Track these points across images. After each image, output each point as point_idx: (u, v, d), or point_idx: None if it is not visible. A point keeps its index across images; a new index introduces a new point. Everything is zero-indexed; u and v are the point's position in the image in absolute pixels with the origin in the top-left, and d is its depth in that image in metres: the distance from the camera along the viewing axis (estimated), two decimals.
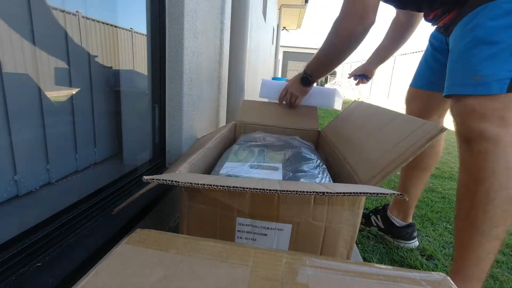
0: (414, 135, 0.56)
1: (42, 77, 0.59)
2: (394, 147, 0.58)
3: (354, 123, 0.89)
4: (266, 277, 0.29)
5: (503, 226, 0.66)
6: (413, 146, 0.54)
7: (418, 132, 0.56)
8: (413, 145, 0.54)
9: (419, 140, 0.53)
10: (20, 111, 0.55)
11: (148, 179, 0.41)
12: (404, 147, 0.55)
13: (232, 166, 0.69)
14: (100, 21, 0.76)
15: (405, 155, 0.54)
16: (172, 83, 0.96)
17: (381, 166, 0.56)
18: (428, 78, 0.96)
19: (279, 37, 8.16)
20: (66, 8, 0.64)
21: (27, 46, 0.56)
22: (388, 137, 0.63)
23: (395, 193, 0.41)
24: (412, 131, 0.57)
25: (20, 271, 0.45)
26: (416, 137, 0.55)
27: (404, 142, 0.57)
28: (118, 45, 0.84)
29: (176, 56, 0.94)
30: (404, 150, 0.54)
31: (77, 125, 0.70)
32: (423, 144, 0.52)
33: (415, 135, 0.56)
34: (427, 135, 0.53)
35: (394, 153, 0.56)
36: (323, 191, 0.41)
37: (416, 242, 1.11)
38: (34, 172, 0.60)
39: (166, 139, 1.00)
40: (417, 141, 0.54)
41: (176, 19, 0.91)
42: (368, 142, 0.69)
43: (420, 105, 1.00)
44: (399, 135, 0.60)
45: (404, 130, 0.60)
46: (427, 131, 0.54)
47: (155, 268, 0.29)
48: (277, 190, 0.40)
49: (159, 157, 0.99)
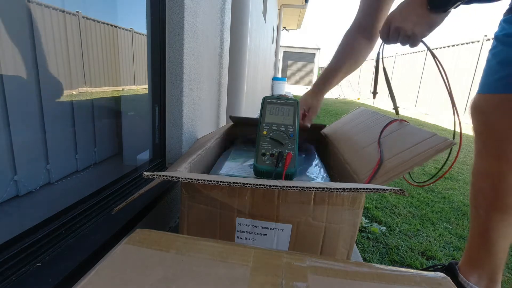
0: (421, 145, 0.55)
1: (42, 77, 0.59)
2: (399, 154, 0.57)
3: (357, 127, 0.86)
4: (266, 277, 0.29)
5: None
6: (419, 155, 0.52)
7: (426, 142, 0.54)
8: (419, 155, 0.52)
9: (426, 151, 0.52)
10: (20, 111, 0.55)
11: (148, 175, 0.41)
12: (409, 155, 0.54)
13: (232, 166, 0.69)
14: (100, 21, 0.76)
15: (409, 163, 0.52)
16: (172, 83, 0.96)
17: (384, 170, 0.56)
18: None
19: (279, 37, 8.17)
20: (66, 8, 0.64)
21: (27, 46, 0.56)
22: (392, 144, 0.62)
23: (394, 189, 0.41)
24: (420, 141, 0.56)
25: (20, 271, 0.45)
26: (423, 147, 0.54)
27: (409, 150, 0.56)
28: (118, 45, 0.85)
29: (176, 56, 0.94)
30: (409, 158, 0.53)
31: (77, 125, 0.70)
32: (430, 155, 0.51)
33: (422, 145, 0.54)
34: (435, 147, 0.51)
35: (398, 159, 0.55)
36: (323, 187, 0.41)
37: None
38: (34, 172, 0.60)
39: (166, 139, 1.00)
40: (423, 151, 0.52)
41: (176, 19, 0.91)
42: (371, 147, 0.68)
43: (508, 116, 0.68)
44: (405, 144, 0.59)
45: (410, 140, 0.59)
46: (435, 143, 0.52)
47: (155, 268, 0.29)
48: (277, 186, 0.41)
49: (159, 157, 0.99)
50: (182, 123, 0.99)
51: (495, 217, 0.71)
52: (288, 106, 0.69)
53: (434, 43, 7.49)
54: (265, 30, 4.30)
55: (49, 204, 0.60)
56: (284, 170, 0.58)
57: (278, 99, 0.71)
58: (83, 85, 0.72)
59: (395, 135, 0.65)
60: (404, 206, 1.48)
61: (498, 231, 0.71)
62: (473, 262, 0.76)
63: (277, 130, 0.65)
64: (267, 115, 0.68)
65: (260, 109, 0.70)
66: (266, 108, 0.69)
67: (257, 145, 0.63)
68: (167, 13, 0.91)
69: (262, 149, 0.62)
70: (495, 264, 0.73)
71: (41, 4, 0.58)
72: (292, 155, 0.61)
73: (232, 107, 1.52)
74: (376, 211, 1.38)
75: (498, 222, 0.71)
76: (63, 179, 0.67)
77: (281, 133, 0.65)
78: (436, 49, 7.38)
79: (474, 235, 0.76)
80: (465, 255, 0.79)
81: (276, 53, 8.66)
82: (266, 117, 0.68)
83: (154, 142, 0.98)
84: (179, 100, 0.97)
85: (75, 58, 0.68)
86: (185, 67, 0.96)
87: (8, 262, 0.45)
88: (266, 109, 0.69)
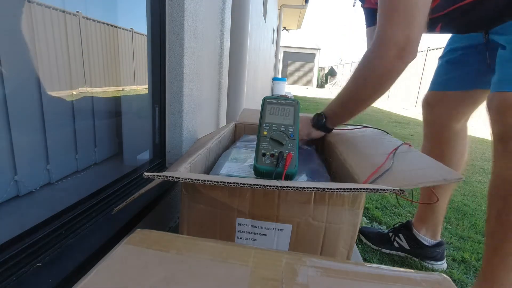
0: (430, 169, 0.54)
1: (42, 77, 0.59)
2: (404, 172, 0.56)
3: (362, 137, 0.84)
4: (266, 277, 0.29)
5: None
6: (424, 177, 0.51)
7: (436, 168, 0.53)
8: (425, 177, 0.51)
9: (433, 177, 0.50)
10: (20, 111, 0.55)
11: (148, 175, 0.41)
12: (414, 176, 0.53)
13: (232, 166, 0.69)
14: (101, 21, 0.76)
15: (413, 181, 0.51)
16: (172, 83, 0.96)
17: (388, 179, 0.54)
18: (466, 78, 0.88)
19: (279, 37, 8.17)
20: (67, 8, 0.64)
21: (27, 46, 0.56)
22: (401, 160, 0.61)
23: (394, 189, 0.41)
24: (429, 166, 0.55)
25: (20, 271, 0.45)
26: (431, 171, 0.52)
27: (418, 169, 0.55)
28: (119, 45, 0.85)
29: (176, 56, 0.94)
30: (414, 178, 0.52)
31: (78, 125, 0.70)
32: (436, 181, 0.49)
33: (431, 170, 0.53)
34: (443, 176, 0.50)
35: (404, 174, 0.54)
36: (323, 187, 0.41)
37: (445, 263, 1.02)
38: (34, 172, 0.60)
39: (166, 139, 1.00)
40: (430, 176, 0.51)
41: (176, 19, 0.91)
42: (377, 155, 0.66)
43: (447, 109, 0.92)
44: (414, 164, 0.58)
45: (420, 163, 0.58)
46: (443, 174, 0.51)
47: (155, 269, 0.29)
48: (277, 186, 0.41)
49: (159, 157, 0.99)
50: (182, 123, 0.99)
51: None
52: (288, 107, 0.69)
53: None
54: (265, 30, 4.30)
55: (49, 204, 0.60)
56: (284, 171, 0.58)
57: (278, 99, 0.71)
58: (83, 85, 0.72)
59: (404, 155, 0.64)
60: (404, 206, 1.48)
61: (439, 196, 0.97)
62: (422, 219, 1.02)
63: (277, 131, 0.65)
64: (267, 115, 0.68)
65: (260, 110, 0.70)
66: (266, 108, 0.69)
67: (257, 145, 0.63)
68: (167, 13, 0.91)
69: (262, 149, 0.62)
70: (437, 219, 1.00)
71: (41, 4, 0.58)
72: (292, 155, 0.61)
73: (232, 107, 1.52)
74: (377, 212, 1.38)
75: (439, 188, 0.97)
76: (63, 179, 0.67)
77: (281, 133, 0.65)
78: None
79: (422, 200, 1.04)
80: (416, 214, 1.06)
81: (276, 53, 8.66)
82: (266, 117, 0.68)
83: (154, 142, 0.98)
84: (179, 100, 0.97)
85: (75, 58, 0.68)
86: (185, 67, 0.96)
87: (8, 262, 0.45)
88: (266, 110, 0.69)
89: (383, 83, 0.67)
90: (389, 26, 0.62)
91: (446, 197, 0.99)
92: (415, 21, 0.61)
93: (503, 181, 0.66)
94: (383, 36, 0.63)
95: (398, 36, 0.61)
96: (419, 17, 0.60)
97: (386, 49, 0.63)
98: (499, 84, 0.66)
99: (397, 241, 1.05)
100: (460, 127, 0.94)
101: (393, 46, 0.61)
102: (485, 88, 0.84)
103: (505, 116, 0.63)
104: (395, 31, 0.61)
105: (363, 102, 0.72)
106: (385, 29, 0.63)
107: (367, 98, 0.71)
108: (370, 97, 0.70)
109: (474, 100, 0.89)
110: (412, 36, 0.61)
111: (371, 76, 0.67)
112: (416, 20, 0.60)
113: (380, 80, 0.66)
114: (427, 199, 1.02)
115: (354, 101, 0.74)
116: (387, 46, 0.62)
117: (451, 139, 0.94)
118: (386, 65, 0.64)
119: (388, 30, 0.62)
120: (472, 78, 0.87)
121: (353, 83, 0.72)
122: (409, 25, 0.60)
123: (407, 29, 0.60)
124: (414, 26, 0.61)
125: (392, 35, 0.61)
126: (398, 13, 0.61)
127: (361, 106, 0.73)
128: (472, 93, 0.88)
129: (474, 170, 2.33)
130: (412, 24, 0.60)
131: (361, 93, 0.71)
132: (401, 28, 0.61)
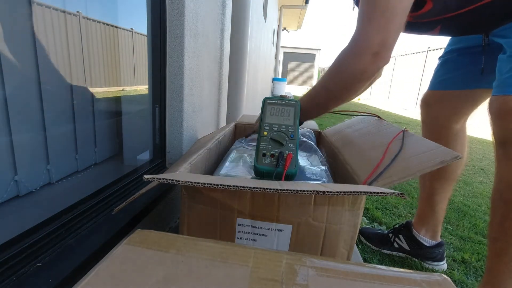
0: (426, 155, 0.55)
1: (42, 77, 0.59)
2: (402, 161, 0.57)
3: (359, 132, 0.85)
4: (266, 278, 0.29)
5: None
6: (422, 164, 0.52)
7: (432, 153, 0.54)
8: (422, 163, 0.52)
9: (430, 161, 0.52)
10: (20, 111, 0.55)
11: (148, 178, 0.41)
12: (412, 163, 0.54)
13: (232, 166, 0.69)
14: (101, 21, 0.76)
15: (412, 170, 0.52)
16: (172, 84, 0.96)
17: (388, 173, 0.55)
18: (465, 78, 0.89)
19: (279, 38, 8.17)
20: (67, 8, 0.64)
21: (28, 46, 0.56)
22: (396, 151, 0.61)
23: (395, 192, 0.41)
24: (425, 151, 0.56)
25: (20, 271, 0.45)
26: (428, 157, 0.53)
27: (412, 159, 0.55)
28: (119, 46, 0.85)
29: (177, 56, 0.94)
30: (412, 166, 0.53)
31: (78, 125, 0.71)
32: (433, 165, 0.50)
33: (427, 155, 0.54)
34: (441, 158, 0.51)
35: (403, 164, 0.55)
36: (324, 190, 0.41)
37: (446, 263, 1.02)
38: (35, 172, 0.60)
39: (167, 140, 1.00)
40: (427, 161, 0.52)
41: (176, 19, 0.92)
42: (373, 151, 0.67)
43: (445, 109, 0.93)
44: (410, 152, 0.58)
45: (416, 149, 0.59)
46: (440, 155, 0.52)
47: (155, 269, 0.29)
48: (278, 189, 0.40)
49: (159, 157, 0.99)
50: (182, 124, 0.99)
51: (436, 185, 0.97)
52: (288, 107, 0.69)
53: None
54: (265, 30, 4.30)
55: (49, 204, 0.60)
56: (285, 171, 0.58)
57: (279, 99, 0.71)
58: (84, 85, 0.72)
59: (400, 143, 0.64)
60: (404, 207, 1.48)
61: (439, 196, 0.97)
62: (421, 220, 1.02)
63: (277, 131, 0.65)
64: (267, 115, 0.68)
65: (261, 110, 0.70)
66: (267, 108, 0.69)
67: (258, 145, 0.63)
68: (167, 13, 0.91)
69: (262, 150, 0.62)
70: (437, 220, 1.00)
71: (42, 4, 0.58)
72: (292, 155, 0.61)
73: (233, 107, 1.52)
74: (377, 212, 1.38)
75: (439, 189, 0.97)
76: (64, 179, 0.67)
77: (282, 133, 0.65)
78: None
79: (422, 200, 1.03)
80: (416, 215, 1.05)
81: (277, 53, 8.66)
82: (266, 117, 0.68)
83: (155, 143, 0.98)
84: (180, 101, 0.97)
85: (75, 58, 0.68)
86: (186, 68, 0.96)
87: (8, 262, 0.45)
88: (267, 110, 0.69)
89: (354, 83, 0.66)
90: (366, 30, 0.61)
91: (446, 198, 0.99)
92: (391, 26, 0.60)
93: (506, 186, 0.66)
94: (359, 38, 0.62)
95: (373, 40, 0.60)
96: (395, 23, 0.60)
97: (360, 52, 0.62)
98: (499, 87, 0.66)
99: (397, 242, 1.05)
100: (458, 127, 0.94)
101: (367, 50, 0.61)
102: (485, 88, 0.84)
103: (506, 120, 0.63)
104: (370, 35, 0.60)
105: (333, 99, 0.71)
106: (361, 32, 0.62)
107: (338, 95, 0.70)
108: (340, 94, 0.69)
109: (474, 100, 0.89)
110: (387, 42, 0.60)
111: (343, 74, 0.67)
112: (392, 26, 0.60)
113: (351, 80, 0.66)
114: (426, 199, 1.01)
115: (325, 97, 0.73)
116: (361, 49, 0.62)
117: (449, 139, 0.94)
118: (358, 66, 0.63)
119: (364, 33, 0.62)
120: (471, 78, 0.87)
121: (325, 79, 0.71)
122: (385, 30, 0.60)
123: (382, 34, 0.60)
124: (390, 32, 0.60)
125: (368, 39, 0.61)
126: (375, 17, 0.60)
127: (331, 103, 0.72)
128: (472, 93, 0.88)
129: (474, 171, 2.33)
130: (387, 30, 0.60)
131: (332, 90, 0.70)
132: (377, 32, 0.60)
